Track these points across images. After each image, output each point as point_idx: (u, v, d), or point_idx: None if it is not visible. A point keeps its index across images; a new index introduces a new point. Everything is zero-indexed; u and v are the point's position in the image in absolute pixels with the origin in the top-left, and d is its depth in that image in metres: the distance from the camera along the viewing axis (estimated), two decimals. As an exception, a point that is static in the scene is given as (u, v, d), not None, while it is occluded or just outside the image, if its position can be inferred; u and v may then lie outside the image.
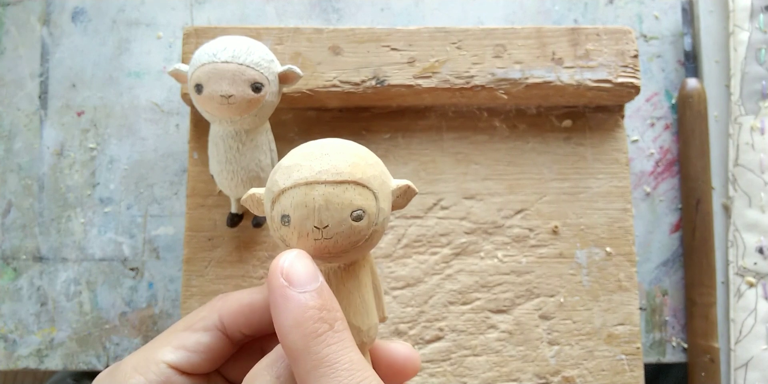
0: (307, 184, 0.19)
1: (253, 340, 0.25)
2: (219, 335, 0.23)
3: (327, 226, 0.19)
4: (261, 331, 0.24)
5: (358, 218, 0.19)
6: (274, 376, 0.20)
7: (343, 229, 0.19)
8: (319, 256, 0.20)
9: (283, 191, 0.19)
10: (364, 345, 0.22)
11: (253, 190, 0.21)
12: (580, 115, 0.39)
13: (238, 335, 0.23)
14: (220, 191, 0.37)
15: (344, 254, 0.20)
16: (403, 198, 0.22)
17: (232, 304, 0.23)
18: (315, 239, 0.19)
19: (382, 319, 0.24)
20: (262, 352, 0.24)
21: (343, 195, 0.19)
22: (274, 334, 0.24)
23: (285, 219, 0.19)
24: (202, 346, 0.23)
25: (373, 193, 0.20)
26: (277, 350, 0.21)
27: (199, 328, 0.23)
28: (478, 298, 0.37)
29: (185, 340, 0.23)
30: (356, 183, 0.20)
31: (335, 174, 0.19)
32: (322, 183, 0.19)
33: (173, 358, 0.22)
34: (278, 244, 0.21)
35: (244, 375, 0.24)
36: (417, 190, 0.22)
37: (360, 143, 0.39)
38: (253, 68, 0.30)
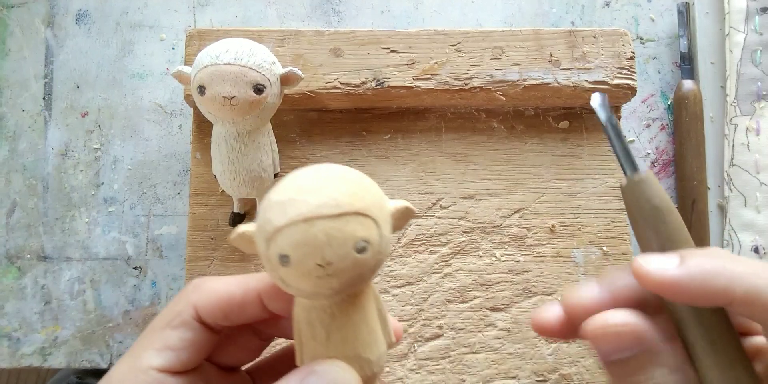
0: (306, 220, 0.18)
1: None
2: (200, 327, 0.22)
3: (331, 262, 0.18)
4: (240, 322, 0.23)
5: (363, 250, 0.18)
6: None
7: (347, 263, 0.18)
8: (323, 293, 0.19)
9: (278, 230, 0.18)
10: (375, 375, 0.21)
11: (243, 228, 0.20)
12: (577, 116, 0.40)
13: (217, 326, 0.22)
14: (223, 191, 0.37)
15: (349, 288, 0.19)
16: (402, 220, 0.21)
17: (208, 296, 0.22)
18: (318, 277, 0.18)
19: (391, 345, 0.22)
20: (254, 333, 0.24)
21: (345, 228, 0.18)
22: (261, 320, 0.23)
23: (284, 259, 0.18)
24: (187, 342, 0.21)
25: (375, 221, 0.19)
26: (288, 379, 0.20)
27: (178, 324, 0.22)
28: (477, 297, 0.38)
29: (167, 339, 0.21)
30: (357, 213, 0.18)
31: (334, 206, 0.18)
32: (322, 217, 0.18)
33: (161, 361, 0.21)
34: (277, 284, 0.19)
35: (239, 358, 0.23)
36: (416, 210, 0.21)
37: (360, 144, 0.39)
38: (255, 70, 0.31)
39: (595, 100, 0.23)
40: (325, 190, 0.18)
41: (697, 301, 0.19)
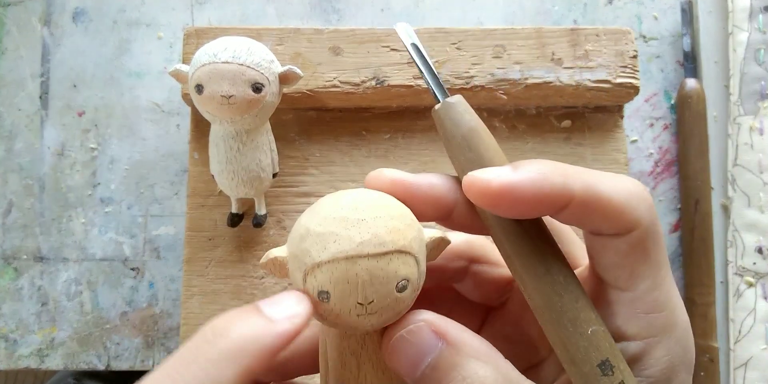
0: (348, 258, 0.17)
1: None
2: None
3: (372, 301, 0.18)
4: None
5: (403, 288, 0.18)
6: None
7: (388, 302, 0.18)
8: (361, 329, 0.19)
9: (318, 265, 0.18)
10: None
11: (275, 253, 0.19)
12: (580, 116, 0.40)
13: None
14: (221, 191, 0.37)
15: (385, 324, 0.19)
16: (436, 250, 0.20)
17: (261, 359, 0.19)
18: (358, 315, 0.18)
19: None
20: None
21: (387, 267, 0.18)
22: None
23: (323, 295, 0.18)
24: None
25: (416, 259, 0.19)
26: None
27: None
28: (478, 298, 0.37)
29: None
30: (400, 251, 0.18)
31: (378, 245, 0.18)
32: (365, 256, 0.18)
33: None
34: (313, 316, 0.19)
35: None
36: (451, 240, 0.20)
37: (360, 143, 0.39)
38: (253, 68, 0.30)
39: (401, 27, 0.23)
40: (369, 226, 0.18)
41: (536, 207, 0.18)
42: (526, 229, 0.19)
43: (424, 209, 0.20)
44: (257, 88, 0.30)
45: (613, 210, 0.18)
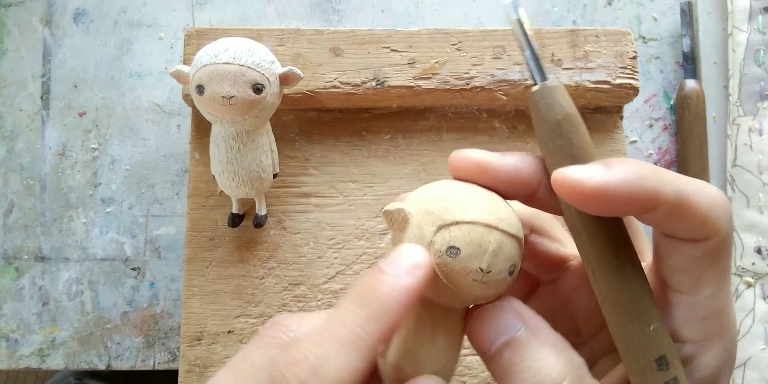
0: (487, 226, 0.19)
1: None
2: None
3: (490, 271, 0.19)
4: None
5: (511, 273, 0.19)
6: None
7: (499, 278, 0.19)
8: (466, 296, 0.20)
9: (458, 223, 0.19)
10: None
11: (400, 205, 0.20)
12: (579, 116, 0.40)
13: None
14: (221, 191, 0.37)
15: (484, 300, 0.20)
16: None
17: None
18: (473, 279, 0.19)
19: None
20: None
21: (510, 247, 0.19)
22: None
23: (453, 251, 0.19)
24: None
25: (521, 255, 0.20)
26: None
27: None
28: (478, 298, 0.37)
29: None
30: (519, 240, 0.20)
31: (510, 225, 0.19)
32: (501, 231, 0.19)
33: None
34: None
35: None
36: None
37: (360, 144, 0.39)
38: (254, 69, 0.30)
39: (509, 1, 0.20)
40: (505, 209, 0.20)
41: (625, 209, 0.18)
42: (605, 224, 0.19)
43: (509, 189, 0.20)
44: (258, 88, 0.30)
45: (698, 217, 0.18)
